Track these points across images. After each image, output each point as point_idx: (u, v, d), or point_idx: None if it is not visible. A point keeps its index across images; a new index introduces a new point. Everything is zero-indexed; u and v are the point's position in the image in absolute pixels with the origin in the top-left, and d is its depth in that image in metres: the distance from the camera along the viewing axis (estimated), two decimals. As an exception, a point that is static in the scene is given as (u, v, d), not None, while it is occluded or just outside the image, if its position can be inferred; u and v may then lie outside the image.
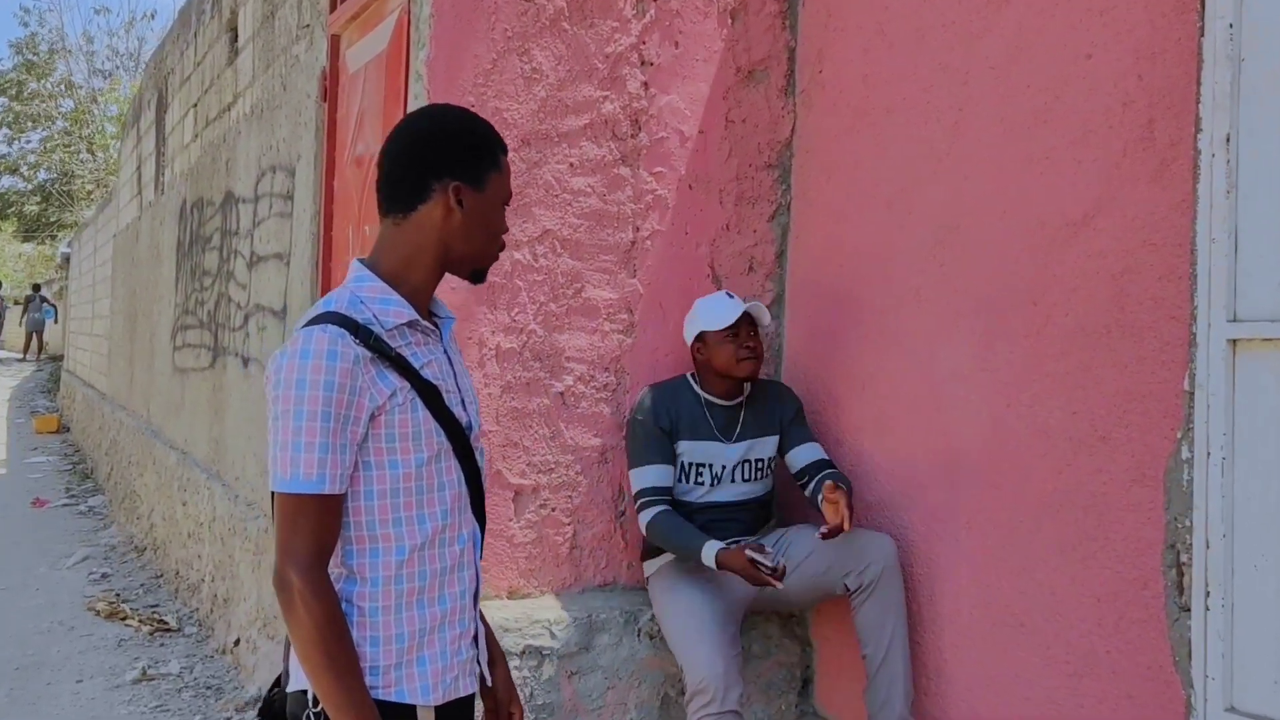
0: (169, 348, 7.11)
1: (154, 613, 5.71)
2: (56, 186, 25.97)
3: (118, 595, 6.07)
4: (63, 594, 6.13)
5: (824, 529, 2.70)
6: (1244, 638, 2.10)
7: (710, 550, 2.75)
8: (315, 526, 1.54)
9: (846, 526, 2.67)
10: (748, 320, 2.96)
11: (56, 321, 24.65)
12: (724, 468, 2.96)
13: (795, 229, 3.36)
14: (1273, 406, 2.07)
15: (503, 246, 1.71)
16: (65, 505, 9.18)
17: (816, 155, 3.29)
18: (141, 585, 6.40)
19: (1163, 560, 2.25)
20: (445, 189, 1.62)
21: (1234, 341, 2.12)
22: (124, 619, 5.58)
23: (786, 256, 3.38)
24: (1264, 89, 2.08)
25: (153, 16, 40.05)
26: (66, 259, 20.52)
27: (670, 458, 2.94)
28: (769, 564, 2.65)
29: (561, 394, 3.09)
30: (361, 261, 1.69)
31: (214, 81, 6.11)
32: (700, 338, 2.98)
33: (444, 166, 1.62)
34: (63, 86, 26.20)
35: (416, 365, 1.63)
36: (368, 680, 1.58)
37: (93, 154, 25.60)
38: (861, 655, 2.80)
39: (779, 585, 2.64)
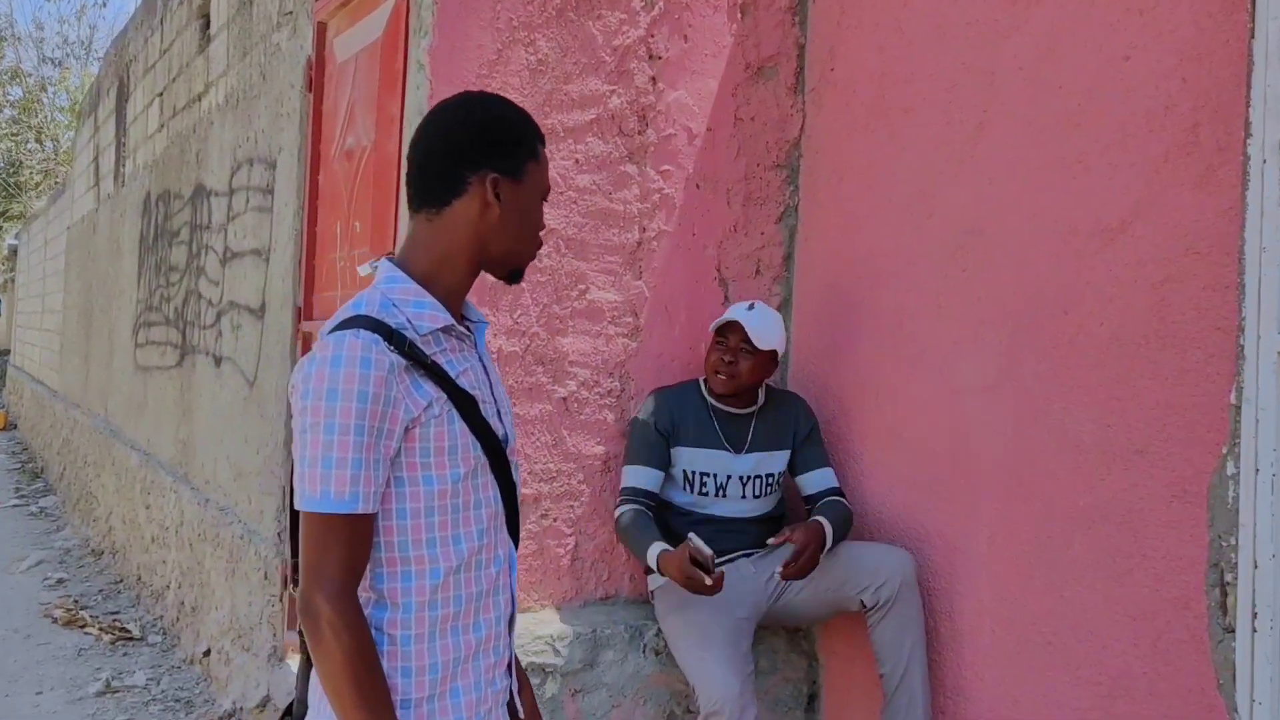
0: (130, 345, 6.87)
1: (115, 620, 5.49)
2: (3, 176, 25.30)
3: (75, 601, 5.84)
4: (17, 600, 5.88)
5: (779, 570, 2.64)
6: (1292, 661, 2.03)
7: (654, 552, 2.62)
8: (346, 549, 1.42)
9: (782, 573, 2.62)
10: (739, 332, 2.83)
11: (1, 315, 24.01)
12: (729, 478, 2.86)
13: (803, 231, 3.26)
14: (1325, 422, 2.00)
15: (540, 245, 1.59)
16: (15, 506, 8.88)
17: (827, 155, 3.19)
18: (100, 591, 6.16)
19: (1205, 579, 2.17)
20: (482, 181, 1.50)
21: (1285, 354, 2.05)
22: (83, 627, 5.36)
23: (794, 259, 3.28)
24: (1319, 93, 2.02)
25: (104, 4, 39.19)
26: (14, 251, 19.96)
27: (662, 463, 2.84)
28: (702, 558, 2.46)
29: (564, 400, 2.97)
30: (391, 260, 1.57)
31: (183, 70, 5.90)
32: (710, 337, 2.91)
33: (480, 157, 1.50)
34: (10, 74, 25.49)
35: (452, 374, 1.51)
36: (399, 715, 1.45)
37: (41, 144, 24.95)
38: (879, 674, 2.71)
39: (708, 586, 2.47)
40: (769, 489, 2.91)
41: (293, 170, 3.81)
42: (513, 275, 1.60)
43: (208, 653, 4.52)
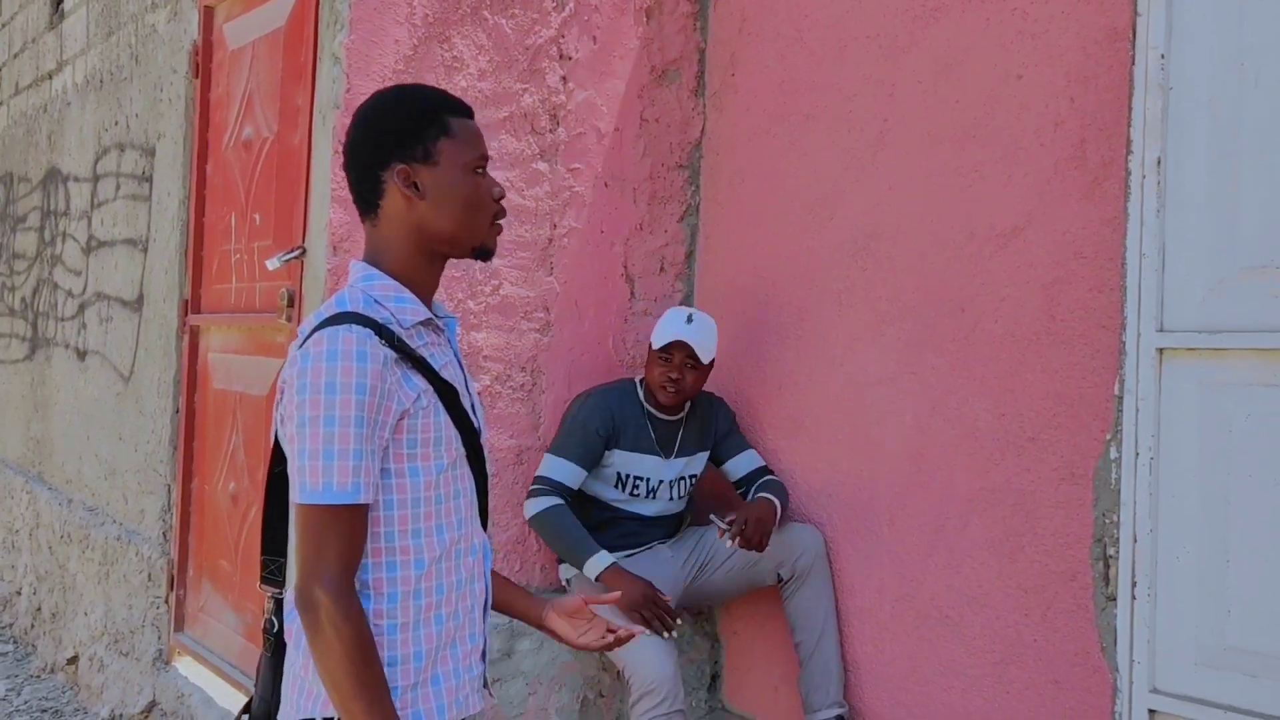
0: (-37, 336, 6.45)
1: (-42, 630, 5.18)
2: None
3: (-90, 612, 5.47)
4: None
5: (730, 541, 2.75)
6: (1166, 624, 2.27)
7: (600, 562, 2.70)
8: (345, 540, 1.45)
9: (737, 539, 2.74)
10: (684, 349, 2.87)
11: None
12: (661, 482, 2.97)
13: (704, 230, 3.39)
14: (1195, 411, 2.24)
15: (500, 214, 1.58)
16: None
17: (727, 157, 3.32)
18: (-66, 600, 5.78)
19: (1090, 554, 2.40)
20: (393, 175, 1.52)
21: (1161, 350, 2.28)
22: (-77, 638, 5.04)
23: (695, 257, 3.40)
24: (1191, 117, 2.25)
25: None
26: None
27: (591, 465, 2.89)
28: (668, 612, 2.65)
29: (478, 394, 3.00)
30: (363, 262, 1.59)
31: (28, 45, 5.58)
32: (650, 348, 2.93)
33: (385, 153, 1.53)
34: None
35: (435, 366, 1.55)
36: None
37: None
38: (795, 643, 2.87)
39: (669, 635, 2.65)
40: (689, 489, 3.05)
41: (176, 158, 3.69)
42: (478, 253, 1.59)
43: (74, 659, 4.33)
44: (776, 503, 2.84)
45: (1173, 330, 2.27)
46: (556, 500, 2.82)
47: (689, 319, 2.89)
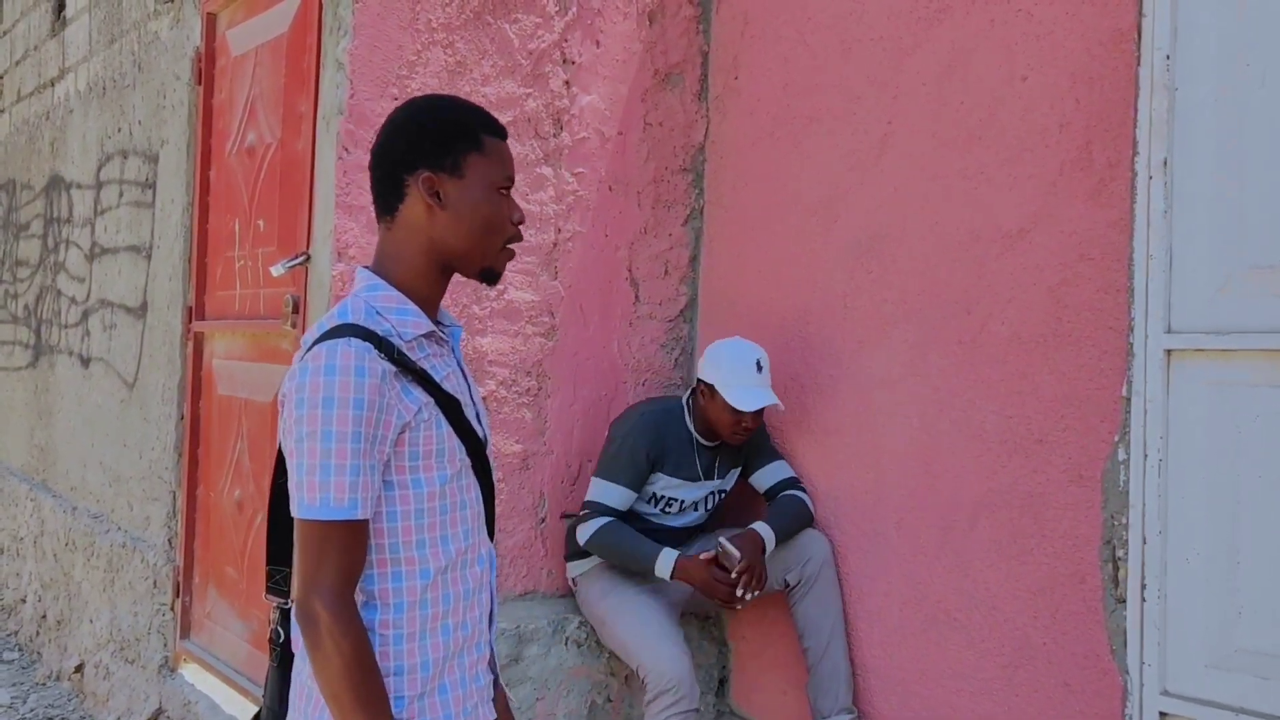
0: (-33, 344, 6.44)
1: (-37, 638, 5.17)
2: None
3: (-85, 620, 5.46)
4: None
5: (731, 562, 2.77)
6: (1177, 626, 2.26)
7: (668, 561, 2.71)
8: (343, 554, 1.44)
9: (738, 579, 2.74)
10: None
11: None
12: (692, 502, 2.97)
13: (708, 233, 3.38)
14: (1204, 412, 2.23)
15: (515, 238, 1.57)
16: None
17: (730, 161, 3.32)
18: (-60, 608, 5.77)
19: (1099, 556, 2.39)
20: (417, 181, 1.52)
21: (1169, 352, 2.27)
22: (-71, 647, 5.03)
23: (700, 260, 3.40)
24: (1197, 117, 2.25)
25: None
26: None
27: (640, 486, 2.88)
28: (730, 563, 2.64)
29: (483, 399, 2.99)
30: (368, 269, 1.59)
31: (30, 52, 5.58)
32: (711, 386, 2.85)
33: (413, 157, 1.52)
34: None
35: (437, 378, 1.54)
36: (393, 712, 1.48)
37: None
38: (803, 649, 2.86)
39: (743, 601, 2.65)
40: (717, 504, 3.06)
41: (180, 165, 3.69)
42: (484, 275, 1.59)
43: (80, 667, 4.33)
44: (765, 533, 2.80)
45: (1181, 331, 2.26)
46: (605, 519, 2.82)
47: (758, 367, 2.82)
